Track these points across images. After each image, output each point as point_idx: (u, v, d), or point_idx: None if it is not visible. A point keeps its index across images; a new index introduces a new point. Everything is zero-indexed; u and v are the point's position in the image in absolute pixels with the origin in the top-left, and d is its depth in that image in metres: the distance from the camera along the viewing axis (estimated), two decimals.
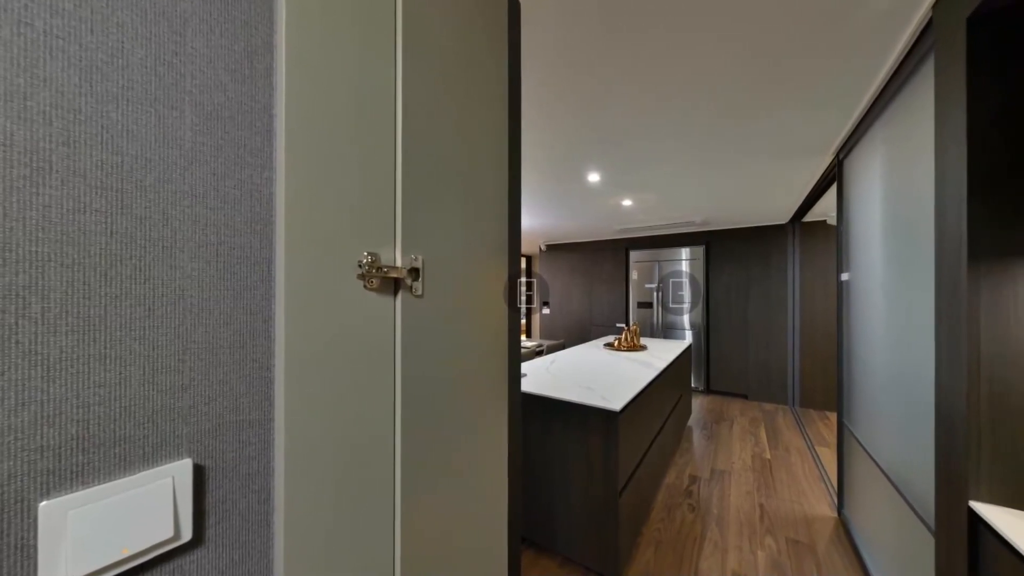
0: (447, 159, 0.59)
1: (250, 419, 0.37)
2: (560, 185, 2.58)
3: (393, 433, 0.50)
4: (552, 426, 1.49)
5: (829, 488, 2.11)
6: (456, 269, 0.61)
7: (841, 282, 1.81)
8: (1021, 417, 0.73)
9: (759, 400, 3.85)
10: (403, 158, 0.51)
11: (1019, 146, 0.73)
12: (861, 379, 1.56)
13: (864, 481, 1.51)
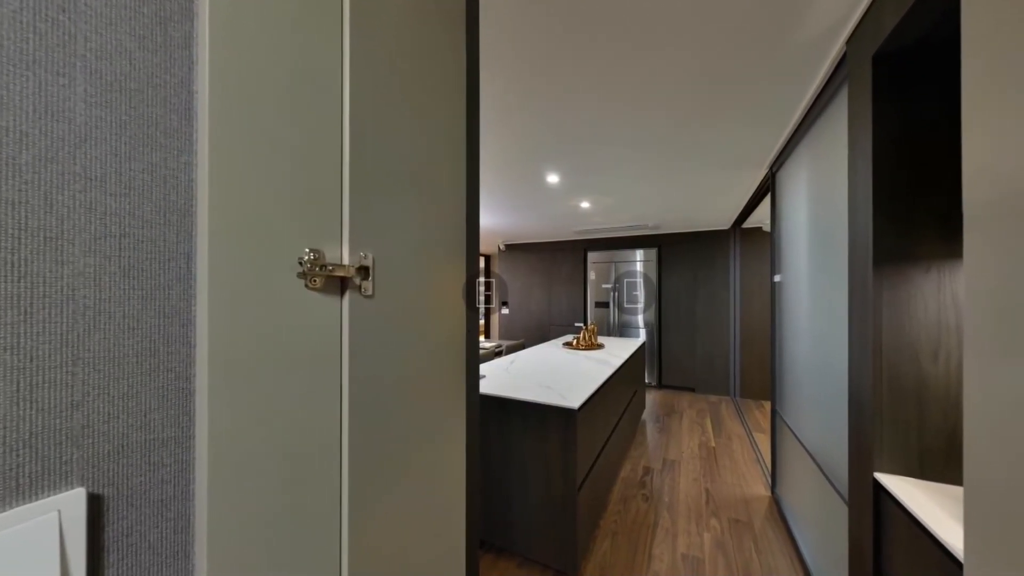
0: (401, 151, 0.56)
1: (164, 437, 0.33)
2: (520, 184, 2.59)
3: (340, 442, 0.46)
4: (511, 426, 1.49)
5: (764, 470, 2.33)
6: (410, 268, 0.58)
7: (774, 283, 2.01)
8: (912, 400, 0.85)
9: (705, 393, 4.16)
10: (351, 147, 0.47)
11: (913, 167, 0.85)
12: (790, 370, 1.74)
13: (793, 462, 1.68)
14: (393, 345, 0.54)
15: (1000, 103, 0.43)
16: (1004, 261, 0.43)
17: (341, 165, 0.47)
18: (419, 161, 0.60)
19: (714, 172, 2.27)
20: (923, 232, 0.83)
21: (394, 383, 0.54)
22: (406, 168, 0.57)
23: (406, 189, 0.58)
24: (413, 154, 0.59)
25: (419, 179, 0.61)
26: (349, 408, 0.47)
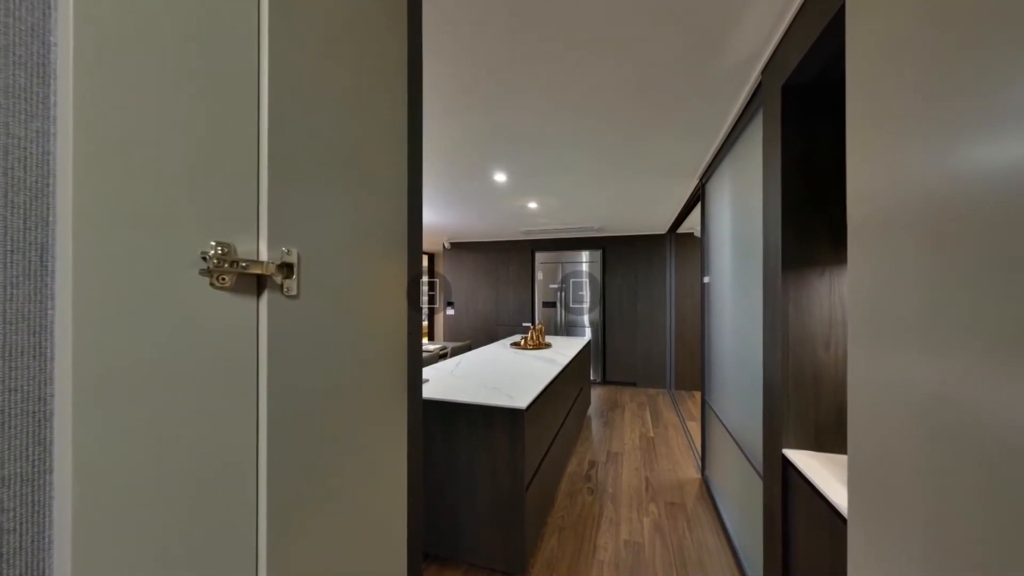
0: (332, 136, 0.52)
1: (6, 475, 0.27)
2: (466, 182, 2.57)
3: (257, 461, 0.41)
4: (457, 431, 1.48)
5: (695, 455, 2.59)
6: (344, 265, 0.54)
7: (704, 284, 2.25)
8: (810, 384, 1.01)
9: (645, 387, 4.51)
10: (271, 127, 0.42)
11: (812, 185, 1.01)
12: (717, 363, 1.95)
13: (719, 445, 1.90)
14: (322, 350, 0.50)
15: (873, 138, 0.54)
16: (875, 267, 0.53)
17: (258, 145, 0.42)
18: (354, 149, 0.56)
19: (652, 180, 2.46)
20: (819, 241, 0.99)
21: (324, 392, 0.50)
22: (338, 155, 0.53)
23: (338, 179, 0.53)
24: (347, 140, 0.54)
25: (354, 168, 0.56)
26: (269, 422, 0.42)
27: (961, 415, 0.38)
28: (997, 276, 0.34)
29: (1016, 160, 0.33)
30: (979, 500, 0.36)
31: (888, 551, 0.49)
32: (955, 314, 0.39)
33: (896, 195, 0.48)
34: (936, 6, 0.42)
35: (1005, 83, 0.34)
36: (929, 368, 0.43)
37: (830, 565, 0.80)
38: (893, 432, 0.49)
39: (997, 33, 0.34)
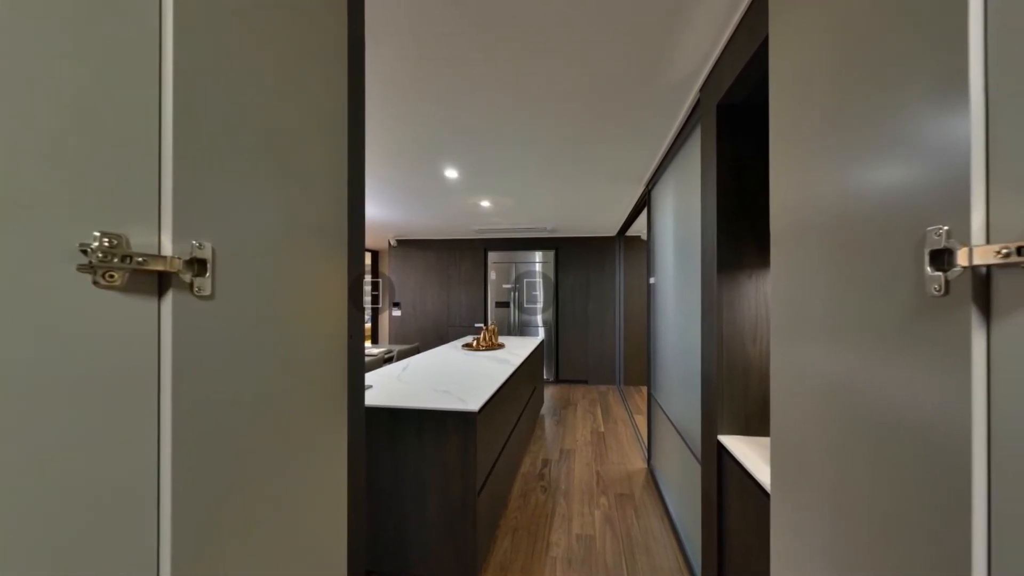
0: (258, 118, 0.47)
1: None
2: (415, 176, 2.50)
3: (157, 489, 0.36)
4: (404, 438, 1.44)
5: (642, 446, 2.79)
6: (273, 263, 0.50)
7: (650, 284, 2.42)
8: (740, 374, 1.15)
9: (596, 383, 4.74)
10: (178, 101, 0.37)
11: (743, 196, 1.15)
12: (662, 358, 2.12)
13: (663, 435, 2.06)
14: (245, 358, 0.45)
15: (790, 159, 0.63)
16: (792, 271, 0.63)
17: (159, 120, 0.36)
18: (285, 135, 0.52)
19: (603, 184, 2.60)
20: (748, 247, 1.13)
21: (247, 404, 0.46)
22: (266, 140, 0.48)
23: (266, 166, 0.49)
24: (276, 124, 0.50)
25: (285, 156, 0.52)
26: (175, 444, 0.37)
27: (856, 399, 0.47)
28: (880, 282, 0.42)
29: (890, 182, 0.41)
30: (868, 469, 0.44)
31: (803, 517, 0.58)
32: (851, 313, 0.48)
33: (808, 209, 0.57)
34: (836, 51, 0.50)
35: (885, 119, 0.42)
36: (833, 359, 0.51)
37: (757, 536, 0.92)
38: (806, 415, 0.58)
39: (877, 77, 0.43)
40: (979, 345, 0.31)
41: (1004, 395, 0.30)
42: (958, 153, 0.33)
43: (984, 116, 0.32)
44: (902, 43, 0.40)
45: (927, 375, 0.36)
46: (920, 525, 0.37)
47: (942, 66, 0.35)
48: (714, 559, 1.19)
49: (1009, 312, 0.30)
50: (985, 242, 0.31)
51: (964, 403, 0.32)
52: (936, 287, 0.34)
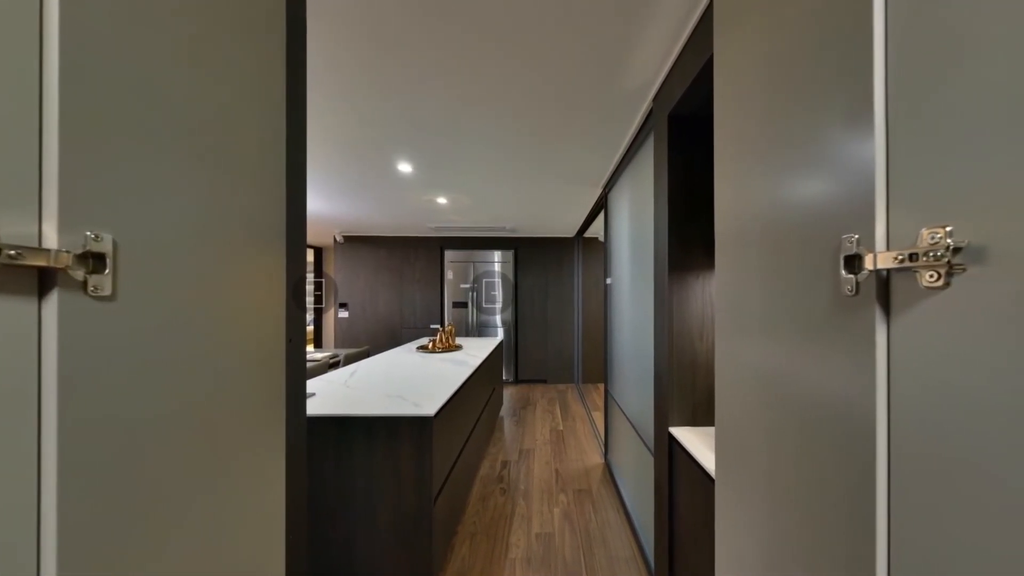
0: (170, 89, 0.42)
1: None
2: (364, 169, 2.38)
3: (38, 524, 0.31)
4: (353, 448, 1.37)
5: (599, 442, 2.91)
6: (192, 258, 0.45)
7: (606, 285, 2.53)
8: (689, 369, 1.24)
9: (555, 383, 4.86)
10: (64, 61, 0.32)
11: (692, 202, 1.24)
12: (618, 355, 2.23)
13: (619, 430, 2.17)
14: (157, 367, 0.40)
15: (732, 170, 0.70)
16: (733, 272, 0.69)
17: (40, 89, 0.31)
18: (207, 112, 0.47)
19: (562, 186, 2.68)
20: (696, 250, 1.23)
21: (158, 420, 0.41)
22: (181, 117, 0.43)
23: (182, 147, 0.44)
24: (195, 100, 0.45)
25: (208, 138, 0.47)
26: (60, 468, 0.32)
27: (785, 388, 0.53)
28: (805, 283, 0.48)
29: (813, 194, 0.47)
30: (796, 449, 0.50)
31: (743, 499, 0.64)
32: (781, 311, 0.54)
33: (747, 216, 0.64)
34: (769, 74, 0.56)
35: (808, 138, 0.48)
36: (767, 353, 0.57)
37: (703, 519, 1.00)
38: (745, 404, 0.64)
39: (802, 100, 0.49)
40: (881, 338, 0.37)
41: (900, 381, 0.36)
42: (865, 171, 0.39)
43: (885, 140, 0.37)
44: (821, 71, 0.46)
45: (842, 365, 0.42)
46: (836, 496, 0.42)
47: (852, 94, 0.41)
48: (665, 544, 1.27)
49: (903, 309, 0.35)
50: (886, 249, 0.37)
51: (869, 388, 0.38)
52: (849, 288, 0.40)
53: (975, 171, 0.30)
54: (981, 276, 0.29)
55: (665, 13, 1.04)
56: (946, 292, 0.31)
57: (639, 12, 1.04)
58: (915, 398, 0.34)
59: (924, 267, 0.32)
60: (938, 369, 0.32)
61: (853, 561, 0.40)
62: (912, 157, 0.35)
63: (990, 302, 0.28)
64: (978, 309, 0.29)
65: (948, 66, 0.32)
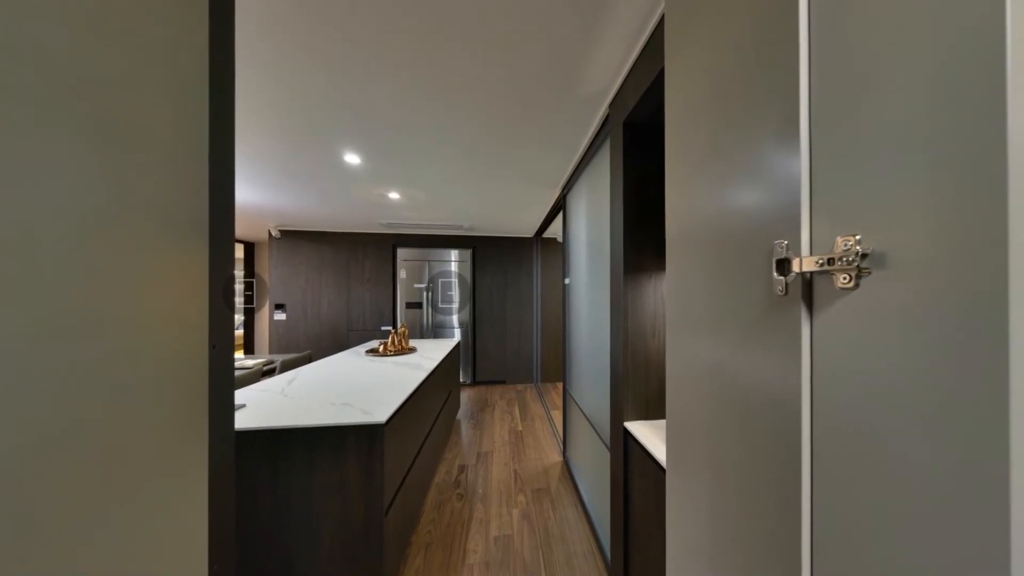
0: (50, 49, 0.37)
1: None
2: (306, 158, 2.22)
3: None
4: (292, 462, 1.28)
5: (558, 440, 2.98)
6: (78, 251, 0.39)
7: (565, 285, 2.61)
8: (642, 365, 1.32)
9: (514, 383, 4.91)
10: None
11: (645, 206, 1.32)
12: (576, 354, 2.30)
13: (577, 428, 2.24)
14: (27, 385, 0.35)
15: (681, 177, 0.76)
16: (682, 273, 0.75)
17: None
18: (101, 82, 0.42)
19: (521, 185, 2.72)
20: (649, 252, 1.31)
21: (29, 447, 0.35)
22: (66, 85, 0.38)
23: (67, 120, 0.38)
24: (84, 66, 0.40)
25: (102, 112, 0.42)
26: None
27: (727, 380, 0.58)
28: (743, 283, 0.54)
29: (751, 203, 0.52)
30: (736, 436, 0.56)
31: (691, 485, 0.70)
32: (724, 309, 0.59)
33: (694, 221, 0.69)
34: (713, 88, 0.62)
35: (746, 150, 0.53)
36: (712, 348, 0.63)
37: (655, 509, 1.07)
38: (692, 396, 0.70)
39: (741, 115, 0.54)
40: (805, 332, 0.42)
41: (821, 369, 0.41)
42: (793, 183, 0.44)
43: (809, 157, 0.43)
44: (757, 91, 0.51)
45: (774, 357, 0.47)
46: (769, 475, 0.48)
47: (782, 113, 0.46)
48: (621, 535, 1.34)
49: (823, 307, 0.41)
50: (809, 254, 0.42)
51: (796, 377, 0.43)
52: (779, 288, 0.45)
53: (877, 187, 0.35)
54: (882, 278, 0.34)
55: (621, 22, 1.10)
56: (856, 292, 0.37)
57: (597, 18, 1.09)
58: (832, 383, 0.39)
59: (839, 270, 0.38)
60: (850, 358, 0.37)
61: (782, 531, 0.45)
62: (830, 173, 0.40)
63: (889, 300, 0.34)
64: (880, 306, 0.34)
65: (857, 97, 0.37)
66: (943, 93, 0.30)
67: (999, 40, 0.26)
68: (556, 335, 4.82)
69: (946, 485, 0.29)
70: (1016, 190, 0.26)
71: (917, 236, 0.31)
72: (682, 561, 0.71)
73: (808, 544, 0.42)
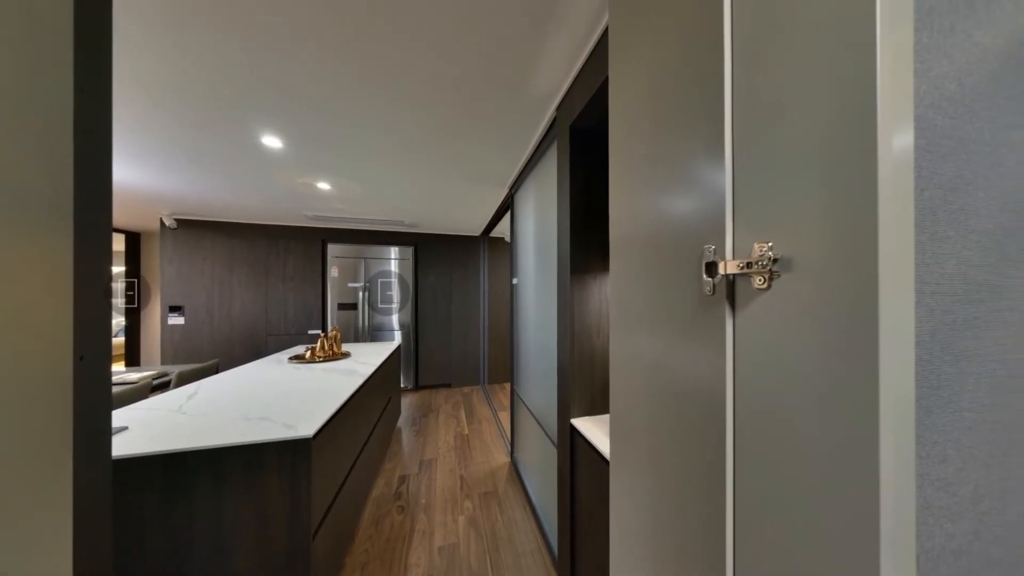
0: None
1: None
2: (212, 137, 1.97)
3: None
4: (192, 492, 1.14)
5: (505, 441, 3.02)
6: None
7: (513, 285, 2.65)
8: (588, 363, 1.39)
9: (460, 385, 4.87)
10: None
11: (590, 209, 1.40)
12: (524, 354, 2.35)
13: (525, 427, 2.29)
14: None
15: (623, 182, 0.82)
16: (624, 275, 0.81)
17: None
18: None
19: (467, 183, 2.71)
20: (594, 253, 1.39)
21: None
22: None
23: None
24: None
25: None
26: None
27: (665, 375, 0.65)
28: (677, 284, 0.60)
29: (684, 210, 0.59)
30: (672, 425, 0.62)
31: (632, 475, 0.76)
32: (661, 308, 0.66)
33: (634, 225, 0.76)
34: (652, 101, 0.68)
35: (681, 162, 0.60)
36: (651, 344, 0.69)
37: (600, 502, 1.14)
38: (634, 390, 0.76)
39: (676, 128, 0.61)
40: (729, 328, 0.49)
41: (741, 360, 0.48)
42: (719, 194, 0.50)
43: (732, 171, 0.49)
44: (690, 109, 0.58)
45: (704, 352, 0.54)
46: (700, 459, 0.54)
47: (711, 130, 0.52)
48: (568, 530, 1.40)
49: (743, 306, 0.47)
50: (733, 258, 0.48)
51: (721, 368, 0.49)
52: (708, 289, 0.52)
53: (785, 201, 0.42)
54: (789, 280, 0.41)
55: (569, 27, 1.15)
56: (769, 292, 0.43)
57: (546, 21, 1.13)
58: (750, 373, 0.46)
59: (755, 273, 0.44)
60: (764, 350, 0.44)
61: (711, 507, 0.52)
62: (749, 187, 0.47)
63: (794, 299, 0.40)
64: (787, 304, 0.41)
65: (771, 123, 0.44)
66: (832, 126, 0.37)
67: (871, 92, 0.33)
68: (504, 335, 4.87)
69: (834, 453, 0.36)
70: (884, 210, 0.33)
71: (814, 245, 0.38)
72: (624, 545, 0.77)
73: (731, 516, 0.48)
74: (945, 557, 0.37)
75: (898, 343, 0.33)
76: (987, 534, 0.39)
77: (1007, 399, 0.40)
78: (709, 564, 0.52)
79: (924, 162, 0.36)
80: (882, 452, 0.32)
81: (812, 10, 0.39)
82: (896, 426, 0.32)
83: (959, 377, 0.37)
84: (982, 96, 0.39)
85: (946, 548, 0.37)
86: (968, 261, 0.38)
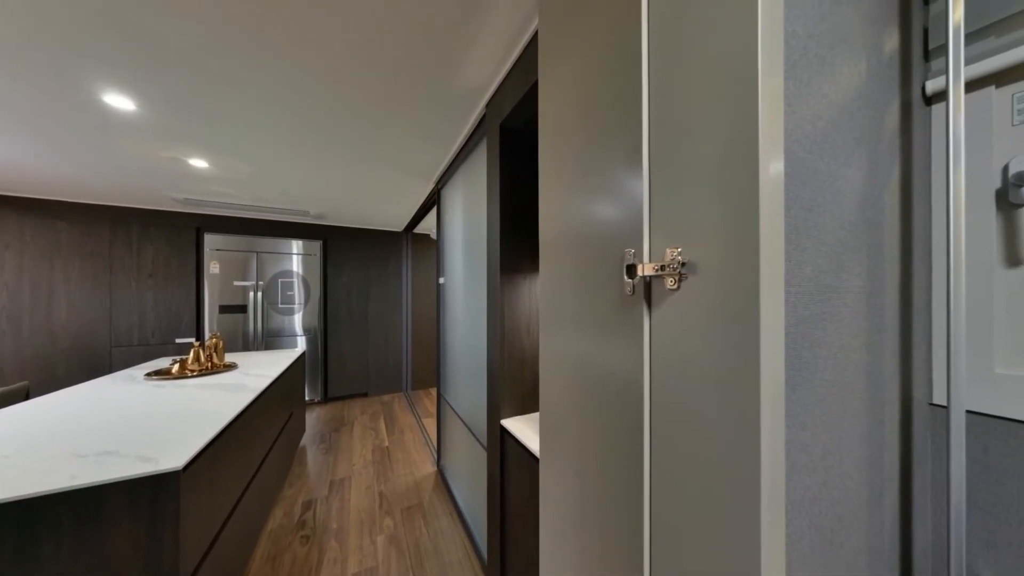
0: None
1: None
2: (27, 87, 1.56)
3: None
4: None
5: (432, 449, 2.97)
6: None
7: (439, 284, 2.62)
8: (518, 362, 1.45)
9: (379, 394, 4.64)
10: None
11: (521, 209, 1.45)
12: (451, 357, 2.35)
13: (453, 433, 2.29)
14: None
15: (552, 185, 0.88)
16: (553, 274, 0.87)
17: None
18: None
19: (389, 174, 2.60)
20: (524, 253, 1.45)
21: None
22: None
23: None
24: None
25: None
26: None
27: (590, 369, 0.72)
28: (602, 285, 0.67)
29: (608, 215, 0.66)
30: (596, 416, 0.69)
31: (561, 469, 0.83)
32: (587, 307, 0.73)
33: (562, 227, 0.82)
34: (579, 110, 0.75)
35: (605, 170, 0.67)
36: (578, 341, 0.76)
37: (530, 499, 1.20)
38: (562, 386, 0.83)
39: (600, 138, 0.68)
40: (646, 325, 0.57)
41: (655, 354, 0.56)
42: (638, 202, 0.58)
43: (648, 181, 0.57)
44: (612, 122, 0.65)
45: (625, 347, 0.61)
46: (621, 447, 0.62)
47: (630, 142, 0.60)
48: (497, 532, 1.45)
49: (657, 305, 0.55)
50: (649, 261, 0.56)
51: (639, 362, 0.57)
52: (629, 289, 0.59)
53: (691, 211, 0.50)
54: (694, 281, 0.49)
55: (499, 24, 1.19)
56: (678, 292, 0.51)
57: (475, 13, 1.15)
58: (663, 366, 0.54)
59: (667, 275, 0.52)
60: (674, 344, 0.52)
61: (631, 491, 0.59)
62: (662, 196, 0.55)
63: (698, 298, 0.49)
64: (693, 303, 0.49)
65: (679, 140, 0.52)
66: (725, 151, 0.45)
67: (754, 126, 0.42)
68: (429, 338, 4.77)
69: (728, 432, 0.44)
70: (764, 224, 0.41)
71: (713, 251, 0.47)
72: (553, 537, 0.83)
73: (648, 495, 0.56)
74: (804, 504, 0.48)
75: (773, 333, 0.42)
76: (832, 483, 0.52)
77: (842, 376, 0.53)
78: (629, 540, 0.59)
79: (790, 187, 0.46)
80: (762, 425, 0.41)
81: (708, 51, 0.47)
82: (771, 402, 0.42)
83: (813, 360, 0.49)
84: (827, 137, 0.51)
85: (805, 497, 0.48)
86: (820, 268, 0.50)
